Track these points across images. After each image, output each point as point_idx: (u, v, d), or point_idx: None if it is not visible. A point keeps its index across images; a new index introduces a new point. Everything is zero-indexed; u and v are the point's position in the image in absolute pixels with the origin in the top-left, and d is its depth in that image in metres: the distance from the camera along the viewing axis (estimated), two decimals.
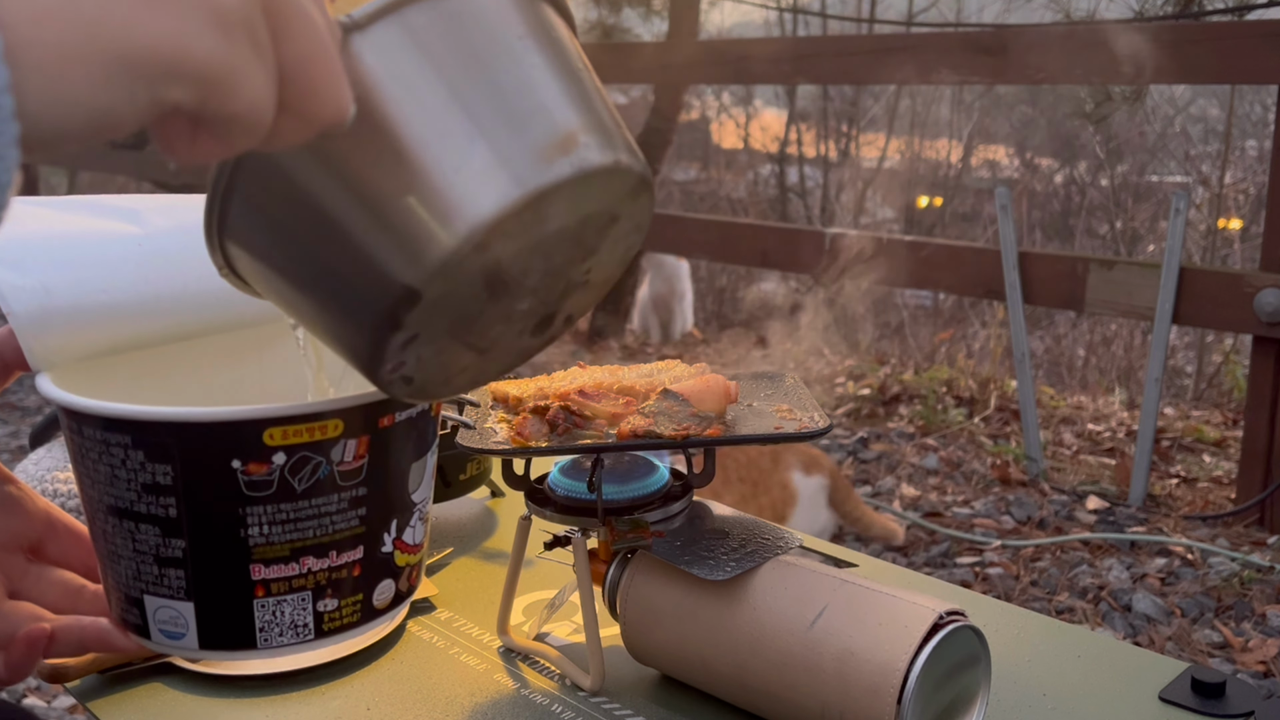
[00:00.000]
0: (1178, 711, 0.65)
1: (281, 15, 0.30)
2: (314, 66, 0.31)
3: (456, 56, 0.37)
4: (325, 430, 0.44)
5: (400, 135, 0.36)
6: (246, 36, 0.29)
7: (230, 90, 0.29)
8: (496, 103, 0.38)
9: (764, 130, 8.53)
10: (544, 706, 0.67)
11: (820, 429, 0.66)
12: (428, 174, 0.36)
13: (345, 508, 0.46)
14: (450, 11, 0.38)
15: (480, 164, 0.37)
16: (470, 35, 0.38)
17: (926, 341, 5.46)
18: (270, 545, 0.44)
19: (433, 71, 0.37)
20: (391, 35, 0.36)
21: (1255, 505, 2.12)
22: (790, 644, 0.60)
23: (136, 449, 0.43)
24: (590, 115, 0.41)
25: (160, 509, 0.44)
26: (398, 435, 0.47)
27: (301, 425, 0.43)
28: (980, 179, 7.97)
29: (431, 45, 0.37)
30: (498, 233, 0.37)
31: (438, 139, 0.36)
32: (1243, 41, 2.20)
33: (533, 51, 0.40)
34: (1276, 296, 2.08)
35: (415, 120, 0.36)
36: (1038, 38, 2.56)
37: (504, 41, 0.39)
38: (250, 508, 0.44)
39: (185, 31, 0.27)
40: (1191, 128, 7.13)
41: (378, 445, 0.46)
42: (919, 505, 2.26)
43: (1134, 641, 1.70)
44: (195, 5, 0.27)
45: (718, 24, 6.33)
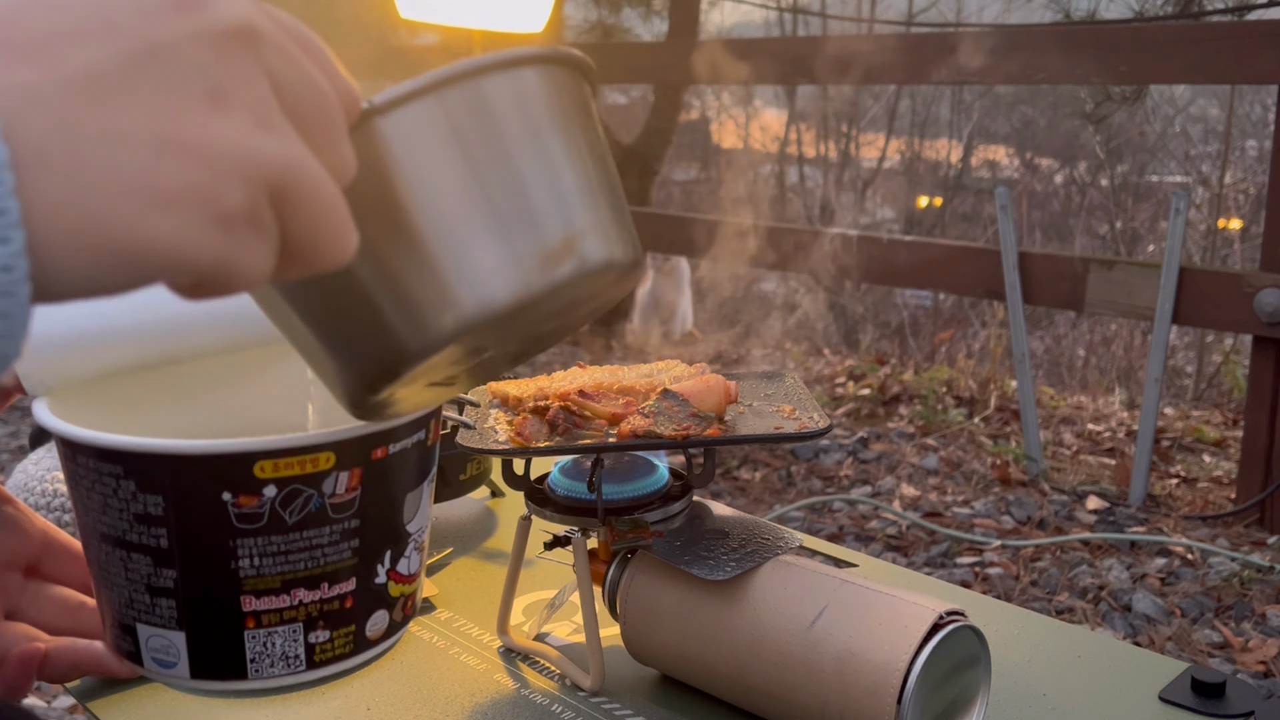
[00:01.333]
0: (1178, 711, 0.65)
1: (290, 190, 0.30)
2: (320, 231, 0.31)
3: (476, 148, 0.37)
4: (317, 463, 0.44)
5: (411, 221, 0.36)
6: (249, 226, 0.29)
7: (228, 276, 0.29)
8: (511, 200, 0.38)
9: (764, 130, 8.53)
10: (544, 706, 0.67)
11: (820, 429, 0.66)
12: (433, 262, 0.37)
13: (337, 540, 0.46)
14: (474, 101, 0.37)
15: (485, 262, 0.37)
16: (491, 127, 0.38)
17: (926, 341, 5.46)
18: (261, 577, 0.44)
19: (450, 163, 0.37)
20: (412, 123, 0.36)
21: (1255, 505, 2.12)
22: (790, 644, 0.60)
23: (128, 479, 0.43)
24: (597, 210, 0.41)
25: (152, 539, 0.44)
26: (392, 466, 0.47)
27: (293, 458, 0.43)
28: (980, 179, 7.97)
29: (452, 135, 0.37)
30: (493, 323, 0.38)
31: (446, 231, 0.37)
32: (1243, 41, 2.20)
33: (552, 145, 0.39)
34: (1276, 296, 2.08)
35: (428, 209, 0.36)
36: (1038, 38, 2.56)
37: (523, 134, 0.39)
38: (241, 540, 0.44)
39: (186, 236, 0.27)
40: (1191, 128, 7.13)
41: (371, 477, 0.46)
42: (919, 505, 2.26)
43: (1134, 641, 1.70)
44: (199, 206, 0.27)
45: (718, 24, 6.33)
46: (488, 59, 0.38)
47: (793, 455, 2.57)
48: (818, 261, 2.87)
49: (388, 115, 0.36)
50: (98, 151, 0.26)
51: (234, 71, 0.28)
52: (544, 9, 1.58)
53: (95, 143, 0.26)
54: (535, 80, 0.39)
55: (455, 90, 0.37)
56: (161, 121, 0.27)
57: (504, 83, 0.38)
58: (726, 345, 4.17)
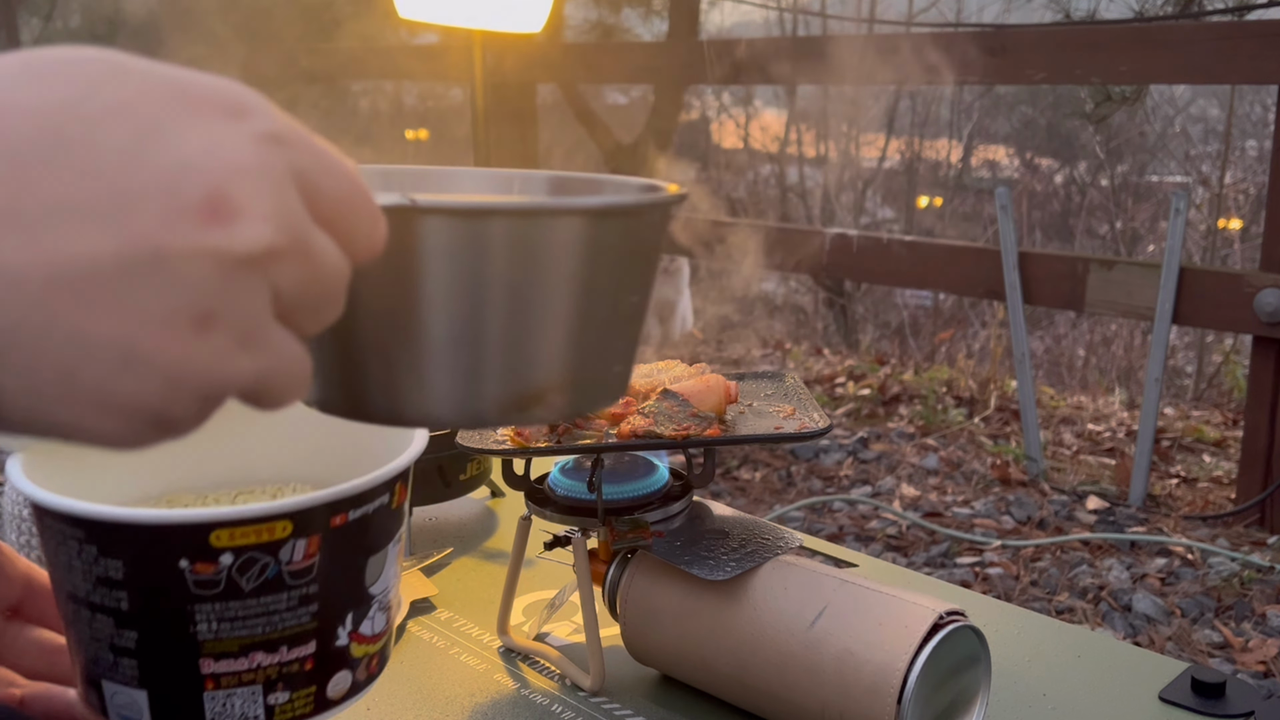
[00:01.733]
0: (1178, 711, 0.65)
1: (257, 394, 0.29)
2: (274, 405, 0.30)
3: (487, 282, 0.35)
4: (274, 531, 0.44)
5: (393, 310, 0.35)
6: (195, 421, 0.28)
7: (203, 411, 0.28)
8: (497, 343, 0.36)
9: (764, 130, 8.53)
10: (544, 706, 0.67)
11: (820, 429, 0.66)
12: (392, 355, 0.36)
13: (295, 605, 0.46)
14: (515, 239, 0.35)
15: (441, 382, 0.36)
16: (518, 269, 0.35)
17: (926, 341, 5.46)
18: (219, 640, 0.45)
19: (453, 285, 0.35)
20: (442, 235, 0.35)
21: (1255, 505, 2.12)
22: (790, 644, 0.60)
23: (90, 544, 0.44)
24: (590, 368, 0.39)
25: (113, 601, 0.45)
26: (352, 532, 0.47)
27: (249, 527, 0.44)
28: (980, 179, 7.98)
29: (476, 262, 0.35)
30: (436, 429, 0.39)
31: (422, 336, 0.35)
32: (1243, 41, 2.20)
33: (573, 297, 0.37)
34: (1276, 296, 2.08)
35: (412, 309, 0.35)
36: (1038, 38, 2.56)
37: (550, 283, 0.36)
38: (198, 605, 0.44)
39: (129, 431, 0.27)
40: (1191, 128, 7.13)
41: (329, 544, 0.46)
42: (919, 505, 2.26)
43: (1134, 641, 1.70)
44: (148, 415, 0.26)
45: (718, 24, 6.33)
46: (565, 205, 0.36)
47: (793, 455, 2.57)
48: (818, 261, 2.87)
49: (424, 220, 0.34)
50: (62, 354, 0.25)
51: (233, 295, 0.26)
52: (543, 9, 1.58)
53: (62, 345, 0.25)
54: (600, 230, 0.36)
55: (504, 223, 0.35)
56: (138, 336, 0.25)
57: (561, 229, 0.35)
58: (727, 345, 4.17)
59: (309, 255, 0.28)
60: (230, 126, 0.27)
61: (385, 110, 9.62)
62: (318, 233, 0.29)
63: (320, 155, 0.29)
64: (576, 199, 0.36)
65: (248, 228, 0.26)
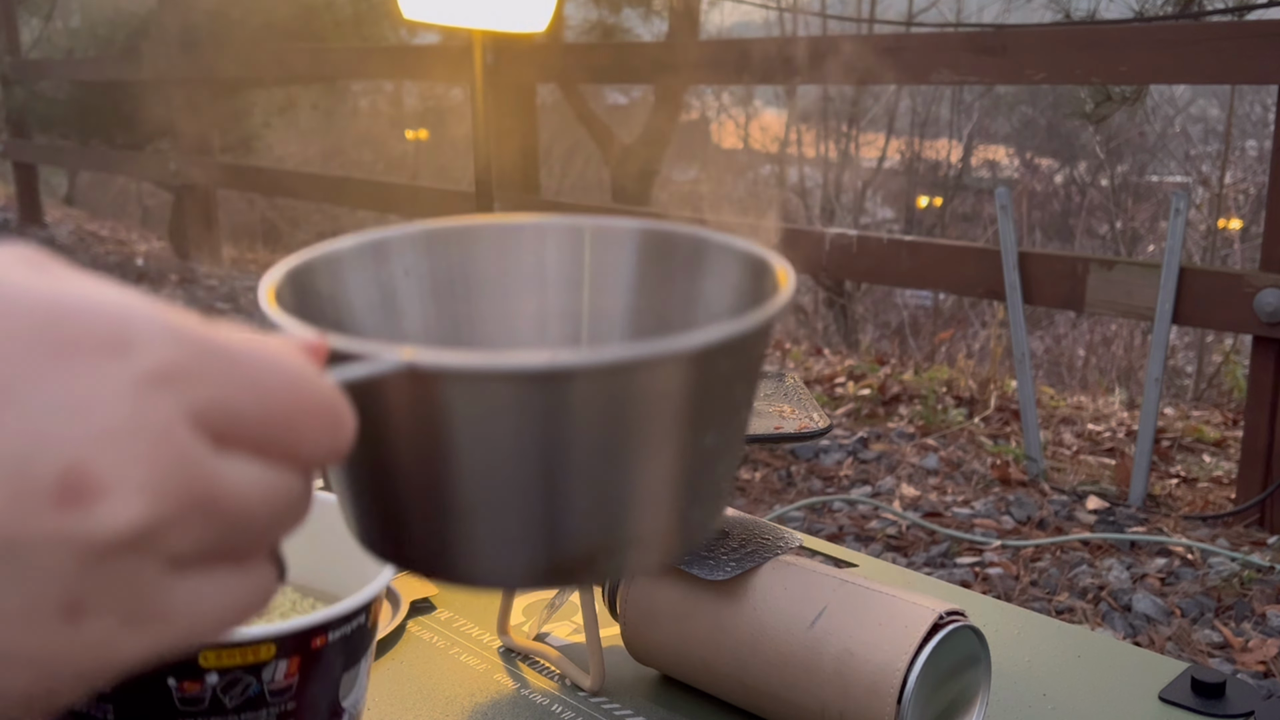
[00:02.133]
0: (1178, 711, 0.65)
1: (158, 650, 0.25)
2: (260, 541, 0.26)
3: (543, 445, 0.28)
4: (258, 654, 0.46)
5: (429, 477, 0.29)
6: (111, 675, 0.24)
7: (100, 686, 0.25)
8: (548, 505, 0.29)
9: (764, 130, 8.53)
10: (544, 706, 0.67)
11: (820, 429, 0.66)
12: (436, 519, 0.30)
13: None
14: (580, 399, 0.27)
15: (488, 550, 0.30)
16: (566, 426, 0.28)
17: (926, 341, 5.46)
18: None
19: (500, 446, 0.28)
20: (466, 398, 0.27)
21: (1255, 505, 2.12)
22: (790, 644, 0.60)
23: None
24: (658, 520, 0.31)
25: (100, 712, 0.47)
26: (330, 652, 0.50)
27: (235, 649, 0.46)
28: (980, 179, 7.98)
29: (527, 425, 0.27)
30: None
31: (461, 499, 0.29)
32: (1243, 41, 2.20)
33: (655, 449, 0.29)
34: (1276, 296, 2.08)
35: (452, 478, 0.29)
36: (1038, 38, 2.56)
37: (623, 440, 0.28)
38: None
39: (36, 691, 0.23)
40: (1191, 128, 7.13)
41: (309, 663, 0.49)
42: (919, 505, 2.26)
43: (1134, 641, 1.70)
44: (29, 701, 0.23)
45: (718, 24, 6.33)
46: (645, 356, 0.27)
47: (793, 455, 2.57)
48: (817, 261, 2.87)
49: (455, 383, 0.27)
50: None
51: (104, 582, 0.23)
52: (546, 9, 1.58)
53: None
54: (693, 372, 0.29)
55: (535, 387, 0.27)
56: (2, 632, 0.22)
57: (632, 385, 0.28)
58: None
59: (212, 508, 0.24)
60: (104, 371, 0.23)
61: (385, 110, 9.62)
62: (232, 472, 0.24)
63: (236, 373, 0.24)
64: (660, 346, 0.27)
65: (113, 507, 0.22)
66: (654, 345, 0.27)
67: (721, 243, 0.36)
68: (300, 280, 0.33)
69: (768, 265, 0.34)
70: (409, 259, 0.37)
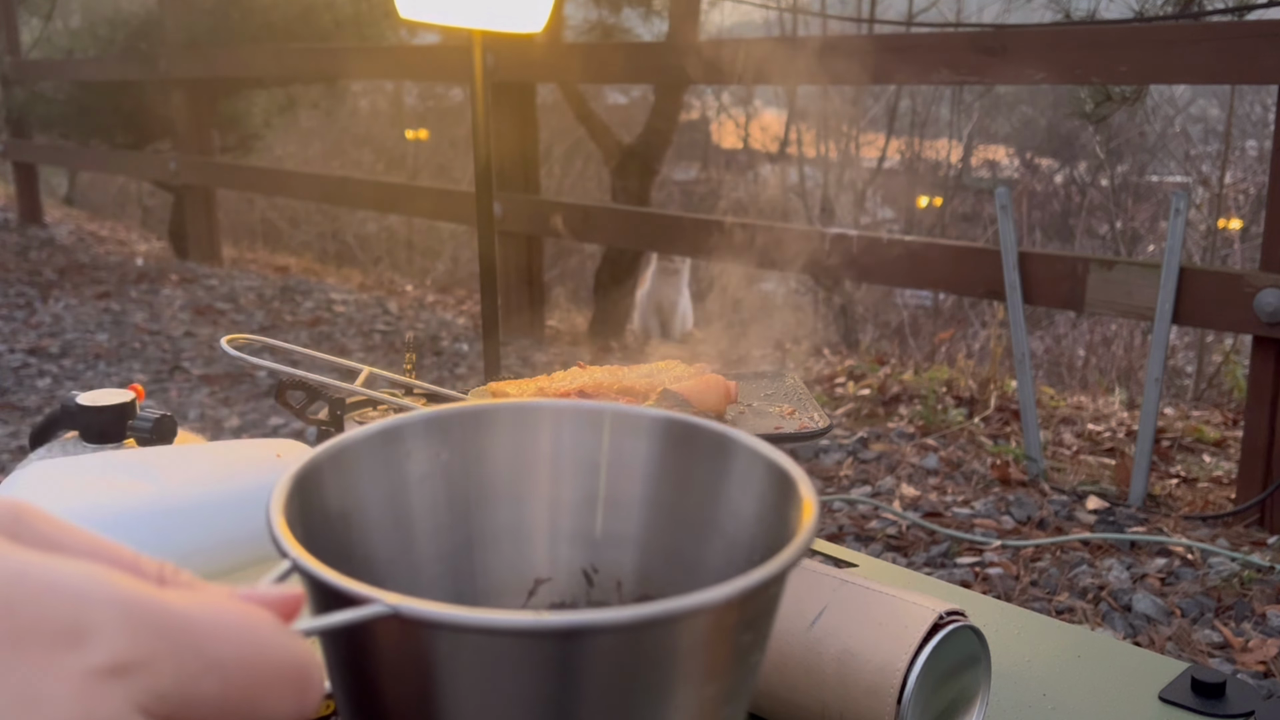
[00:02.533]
0: (1178, 711, 0.65)
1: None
2: None
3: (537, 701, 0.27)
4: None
5: None
6: None
7: None
8: None
9: (764, 130, 8.53)
10: None
11: (820, 429, 0.66)
12: None
13: None
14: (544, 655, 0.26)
15: None
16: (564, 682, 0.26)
17: (926, 341, 5.47)
18: None
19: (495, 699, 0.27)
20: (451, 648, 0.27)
21: (1255, 505, 2.12)
22: (790, 644, 0.60)
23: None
24: None
25: None
26: None
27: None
28: (980, 179, 7.98)
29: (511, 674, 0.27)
30: None
31: None
32: (1243, 41, 2.20)
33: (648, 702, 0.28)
34: (1276, 296, 2.08)
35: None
36: (1038, 38, 2.56)
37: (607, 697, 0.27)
38: None
39: None
40: (1191, 128, 7.13)
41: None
42: (919, 505, 2.26)
43: (1134, 641, 1.70)
44: None
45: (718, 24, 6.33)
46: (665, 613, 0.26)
47: (793, 455, 2.57)
48: (818, 261, 2.87)
49: (440, 633, 0.27)
50: None
51: None
52: (544, 9, 1.58)
53: None
54: (717, 621, 0.27)
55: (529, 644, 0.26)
56: None
57: (641, 643, 0.26)
58: (726, 345, 4.17)
59: None
60: (57, 664, 0.23)
61: (385, 110, 9.62)
62: None
63: (195, 655, 0.24)
64: (656, 609, 0.25)
65: None
66: (649, 608, 0.25)
67: (746, 445, 0.35)
68: (309, 480, 0.32)
69: (793, 483, 0.33)
70: (422, 444, 0.36)
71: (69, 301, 4.49)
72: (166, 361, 3.63)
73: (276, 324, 4.14)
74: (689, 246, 3.36)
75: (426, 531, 0.36)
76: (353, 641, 0.28)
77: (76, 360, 3.66)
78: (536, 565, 0.38)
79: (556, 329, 4.30)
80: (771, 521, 0.32)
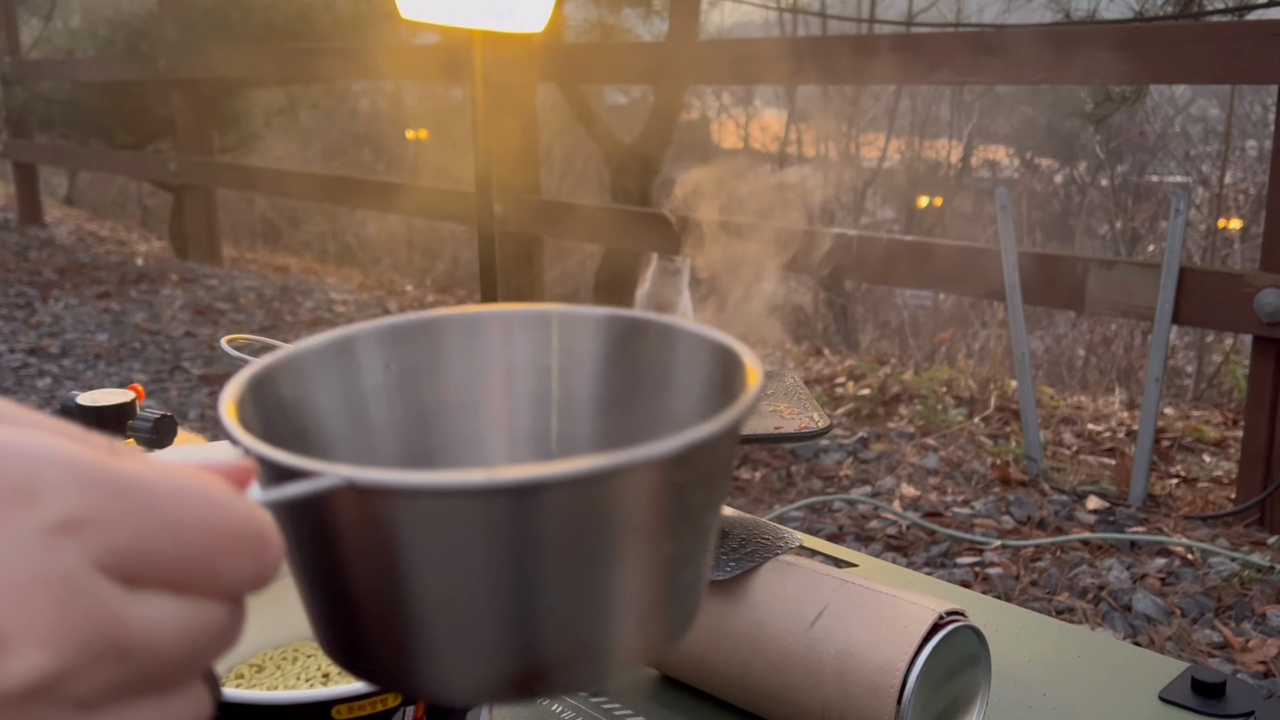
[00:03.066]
0: (1178, 711, 0.65)
1: None
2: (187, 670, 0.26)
3: (484, 560, 0.27)
4: (386, 702, 0.51)
5: (379, 591, 0.29)
6: None
7: None
8: (484, 617, 0.28)
9: (764, 130, 8.53)
10: (544, 706, 0.67)
11: (820, 429, 0.66)
12: (390, 633, 0.29)
13: None
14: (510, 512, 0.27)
15: (443, 665, 0.29)
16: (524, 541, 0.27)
17: (926, 341, 5.47)
18: None
19: (452, 564, 0.27)
20: (412, 515, 0.27)
21: (1255, 505, 2.12)
22: (790, 644, 0.60)
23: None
24: (609, 632, 0.30)
25: None
26: None
27: (364, 701, 0.50)
28: (980, 179, 7.98)
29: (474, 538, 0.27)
30: None
31: (412, 619, 0.29)
32: (1243, 41, 2.20)
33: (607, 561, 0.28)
34: (1276, 296, 2.08)
35: (402, 592, 0.28)
36: (1038, 38, 2.56)
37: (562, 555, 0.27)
38: None
39: None
40: (1191, 128, 7.13)
41: (435, 708, 0.53)
42: (919, 505, 2.26)
43: (1134, 641, 1.70)
44: None
45: (718, 24, 6.33)
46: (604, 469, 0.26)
47: (793, 455, 2.57)
48: (817, 261, 2.87)
49: (396, 499, 0.27)
50: None
51: None
52: (545, 9, 1.58)
53: None
54: (660, 479, 0.28)
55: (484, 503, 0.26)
56: None
57: (590, 498, 0.27)
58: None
59: (123, 651, 0.24)
60: (8, 521, 0.23)
61: (385, 110, 9.62)
62: (144, 612, 0.24)
63: (149, 513, 0.24)
64: (606, 461, 0.26)
65: (13, 661, 0.22)
66: (599, 461, 0.26)
67: (691, 332, 0.36)
68: (263, 385, 0.33)
69: (738, 358, 0.33)
70: (374, 355, 0.36)
71: (69, 301, 4.49)
72: (166, 361, 3.63)
73: (276, 324, 4.14)
74: (689, 247, 3.35)
75: (385, 442, 0.37)
76: (310, 518, 0.28)
77: (76, 360, 3.66)
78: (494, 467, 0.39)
79: None
80: (720, 400, 0.32)
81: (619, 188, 4.04)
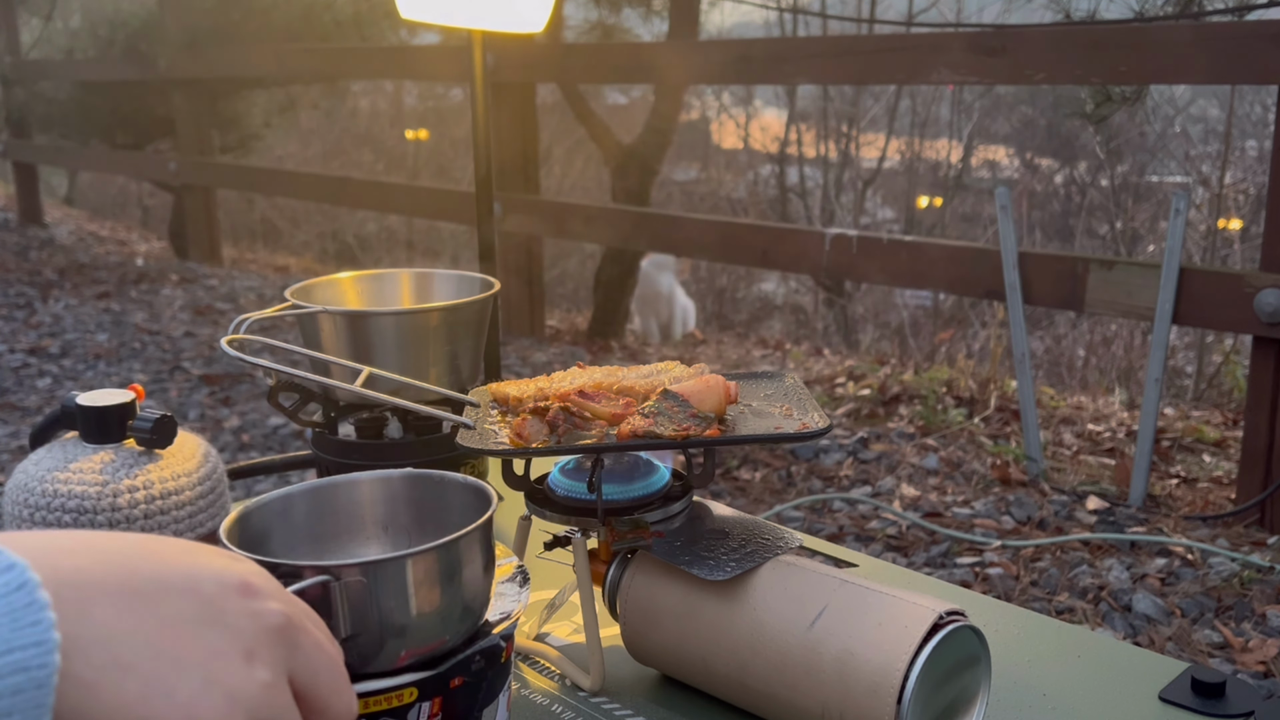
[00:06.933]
0: (1178, 711, 0.65)
1: None
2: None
3: None
4: (402, 698, 0.52)
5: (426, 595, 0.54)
6: None
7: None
8: None
9: (764, 130, 8.53)
10: (544, 706, 0.67)
11: (820, 429, 0.66)
12: None
13: None
14: None
15: None
16: None
17: (926, 341, 5.47)
18: None
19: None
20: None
21: (1255, 505, 2.12)
22: (790, 644, 0.60)
23: None
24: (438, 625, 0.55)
25: None
26: (470, 690, 0.55)
27: (381, 695, 0.52)
28: (980, 179, 7.98)
29: None
30: None
31: None
32: (1243, 41, 2.19)
33: None
34: (1276, 296, 2.08)
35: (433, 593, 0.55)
36: (1038, 38, 2.56)
37: None
38: None
39: None
40: (1191, 128, 7.13)
41: (450, 703, 0.54)
42: (919, 505, 2.26)
43: (1134, 641, 1.70)
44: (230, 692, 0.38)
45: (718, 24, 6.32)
46: None
47: (793, 455, 2.57)
48: (817, 261, 2.87)
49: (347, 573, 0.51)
50: (169, 674, 0.36)
51: (264, 640, 0.39)
52: (545, 9, 1.58)
53: (170, 665, 0.36)
54: None
55: None
56: (213, 664, 0.38)
57: None
58: (727, 345, 4.17)
59: (308, 635, 0.43)
60: (236, 605, 0.40)
61: (385, 110, 9.62)
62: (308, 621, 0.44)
63: (317, 633, 0.43)
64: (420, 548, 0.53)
65: (269, 601, 0.41)
66: (400, 553, 0.53)
67: (456, 480, 0.62)
68: (249, 518, 0.59)
69: (486, 493, 0.59)
70: (301, 503, 0.62)
71: (69, 301, 4.49)
72: (166, 361, 3.63)
73: (277, 324, 4.14)
74: (688, 246, 3.36)
75: (305, 542, 0.63)
76: (314, 596, 0.51)
77: (76, 360, 3.66)
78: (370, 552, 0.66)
79: (556, 329, 4.30)
80: (472, 515, 0.59)
81: (619, 188, 4.04)
